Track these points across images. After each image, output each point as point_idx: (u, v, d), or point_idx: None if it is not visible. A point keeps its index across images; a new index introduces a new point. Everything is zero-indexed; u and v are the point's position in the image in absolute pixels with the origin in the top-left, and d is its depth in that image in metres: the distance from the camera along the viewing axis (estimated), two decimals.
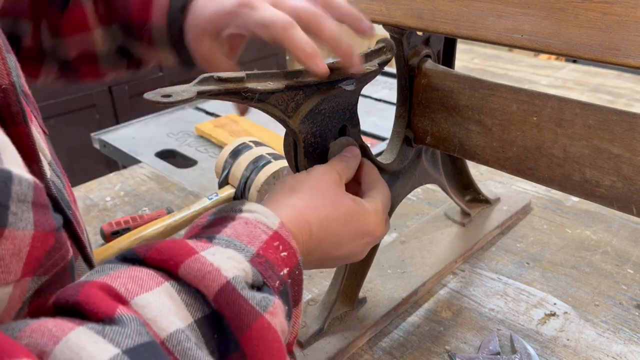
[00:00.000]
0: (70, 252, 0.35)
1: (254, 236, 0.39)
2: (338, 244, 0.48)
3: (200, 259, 0.34)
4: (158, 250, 0.35)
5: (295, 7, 0.48)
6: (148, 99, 0.39)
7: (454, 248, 0.76)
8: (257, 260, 0.38)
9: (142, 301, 0.31)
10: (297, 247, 0.42)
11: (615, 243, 0.79)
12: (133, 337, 0.28)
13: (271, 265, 0.38)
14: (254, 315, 0.34)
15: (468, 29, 0.51)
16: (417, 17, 0.55)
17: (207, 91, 0.42)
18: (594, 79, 1.43)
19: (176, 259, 0.34)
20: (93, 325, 0.28)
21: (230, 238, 0.38)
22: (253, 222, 0.40)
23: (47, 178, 0.37)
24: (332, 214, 0.47)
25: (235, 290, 0.34)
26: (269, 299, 0.35)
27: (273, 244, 0.40)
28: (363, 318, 0.64)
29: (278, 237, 0.40)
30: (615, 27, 0.43)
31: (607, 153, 0.50)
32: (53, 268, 0.33)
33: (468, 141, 0.60)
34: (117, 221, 0.81)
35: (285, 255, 0.40)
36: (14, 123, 0.34)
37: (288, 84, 0.48)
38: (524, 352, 0.59)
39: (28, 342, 0.27)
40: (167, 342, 0.30)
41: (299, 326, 0.42)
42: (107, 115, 2.23)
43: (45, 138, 0.44)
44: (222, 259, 0.35)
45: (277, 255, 0.40)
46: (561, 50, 0.46)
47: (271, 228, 0.41)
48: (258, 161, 0.82)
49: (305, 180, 0.49)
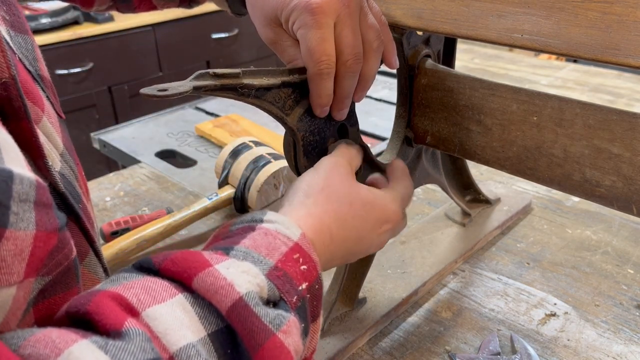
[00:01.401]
0: (74, 251, 0.35)
1: (273, 247, 0.38)
2: (359, 239, 0.48)
3: (214, 273, 0.33)
4: (173, 261, 0.34)
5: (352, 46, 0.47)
6: (144, 93, 0.39)
7: (454, 248, 0.76)
8: (274, 273, 0.37)
9: (153, 313, 0.31)
10: (317, 259, 0.41)
11: (616, 243, 0.78)
12: (136, 353, 0.28)
13: (289, 279, 0.37)
14: (267, 334, 0.33)
15: (468, 28, 0.51)
16: (417, 16, 0.55)
17: (203, 86, 0.42)
18: (594, 78, 1.43)
19: (190, 271, 0.33)
20: (97, 339, 0.28)
21: (248, 249, 0.38)
22: (273, 233, 0.40)
23: (53, 173, 0.36)
24: (349, 211, 0.47)
25: (247, 307, 0.33)
26: (284, 317, 0.35)
27: (293, 256, 0.39)
28: (363, 318, 0.64)
29: (298, 249, 0.39)
30: (615, 26, 0.43)
31: (607, 153, 0.50)
32: (56, 268, 0.33)
33: (468, 141, 0.60)
34: (117, 221, 0.81)
35: (305, 269, 0.39)
36: (16, 118, 0.34)
37: (284, 81, 0.48)
38: (524, 353, 0.59)
39: (31, 352, 0.27)
40: (176, 356, 0.29)
41: (317, 341, 0.41)
42: (107, 115, 2.24)
43: (60, 124, 0.43)
44: (236, 273, 0.34)
45: (297, 269, 0.38)
46: (561, 50, 0.46)
47: (292, 239, 0.40)
48: (258, 161, 0.82)
49: (317, 182, 0.48)
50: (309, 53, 0.46)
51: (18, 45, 0.41)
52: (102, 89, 2.19)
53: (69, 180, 0.40)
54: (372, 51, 0.50)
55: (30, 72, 0.40)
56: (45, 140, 0.39)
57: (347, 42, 0.47)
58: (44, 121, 0.39)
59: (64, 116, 0.46)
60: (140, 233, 0.75)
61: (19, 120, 0.34)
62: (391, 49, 0.53)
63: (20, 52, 0.40)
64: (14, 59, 0.37)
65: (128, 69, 2.26)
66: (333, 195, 0.47)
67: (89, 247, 0.42)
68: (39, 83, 0.41)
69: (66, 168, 0.41)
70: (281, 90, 0.48)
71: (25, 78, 0.38)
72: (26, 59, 0.41)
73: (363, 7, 0.49)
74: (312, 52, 0.46)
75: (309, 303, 0.39)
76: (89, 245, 0.41)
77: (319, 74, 0.47)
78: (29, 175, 0.29)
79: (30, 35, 0.43)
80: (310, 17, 0.45)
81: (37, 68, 0.42)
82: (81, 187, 0.43)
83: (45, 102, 0.40)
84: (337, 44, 0.47)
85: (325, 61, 0.46)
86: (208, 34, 2.48)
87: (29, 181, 0.29)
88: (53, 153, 0.39)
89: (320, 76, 0.47)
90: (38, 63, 0.43)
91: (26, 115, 0.34)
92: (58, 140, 0.41)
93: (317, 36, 0.46)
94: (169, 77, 2.38)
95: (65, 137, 0.43)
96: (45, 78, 0.44)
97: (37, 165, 0.35)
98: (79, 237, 0.40)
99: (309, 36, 0.46)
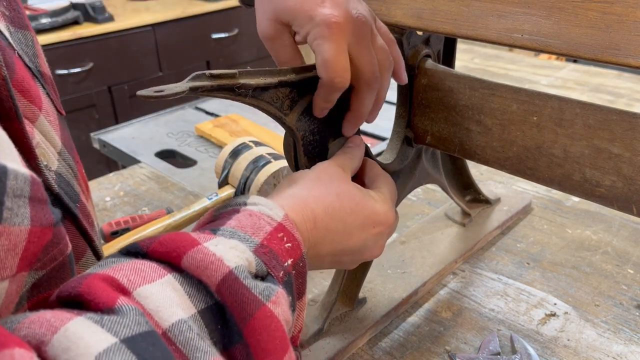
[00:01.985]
0: (69, 247, 0.35)
1: (257, 227, 0.39)
2: (347, 234, 0.47)
3: (203, 250, 0.34)
4: (161, 243, 0.35)
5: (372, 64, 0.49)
6: (141, 95, 0.39)
7: (454, 248, 0.76)
8: (260, 250, 0.38)
9: (144, 292, 0.31)
10: (301, 238, 0.42)
11: (616, 243, 0.78)
12: (131, 326, 0.28)
13: (275, 256, 0.38)
14: (257, 304, 0.34)
15: (468, 28, 0.51)
16: (417, 16, 0.55)
17: (199, 87, 0.42)
18: (594, 78, 1.43)
19: (179, 250, 0.34)
20: (92, 315, 0.28)
21: (234, 229, 0.39)
22: (257, 214, 0.40)
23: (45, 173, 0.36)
24: (336, 201, 0.47)
25: (237, 280, 0.34)
26: (272, 288, 0.35)
27: (277, 235, 0.40)
28: (363, 318, 0.64)
29: (282, 229, 0.40)
30: (615, 26, 0.43)
31: (607, 153, 0.50)
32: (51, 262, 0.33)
33: (468, 141, 0.60)
34: (117, 221, 0.81)
35: (290, 247, 0.40)
36: (7, 118, 0.34)
37: (281, 80, 0.48)
38: (524, 353, 0.59)
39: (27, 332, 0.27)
40: (169, 332, 0.30)
41: (303, 320, 0.42)
42: (106, 115, 2.24)
43: (60, 121, 0.43)
44: (225, 249, 0.35)
45: (282, 246, 0.39)
46: (561, 50, 0.46)
47: (275, 220, 0.41)
48: (258, 161, 0.82)
49: (307, 173, 0.49)
50: (325, 64, 0.47)
51: (18, 41, 0.41)
52: (102, 89, 2.19)
53: (66, 180, 0.40)
54: (384, 71, 0.52)
55: (30, 69, 0.40)
56: (42, 139, 0.38)
57: (366, 61, 0.49)
58: (41, 119, 0.39)
59: (64, 113, 0.46)
60: (140, 233, 0.75)
61: (10, 121, 0.34)
62: (401, 65, 0.55)
63: (19, 48, 0.40)
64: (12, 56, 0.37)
65: (128, 69, 2.26)
66: (321, 184, 0.47)
67: (87, 247, 0.42)
68: (38, 79, 0.41)
69: (64, 167, 0.41)
70: (278, 90, 0.48)
71: (23, 75, 0.38)
72: (26, 55, 0.41)
73: (373, 29, 0.50)
74: (328, 64, 0.47)
75: (295, 279, 0.40)
76: (87, 245, 0.41)
77: (331, 84, 0.48)
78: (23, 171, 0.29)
79: (31, 30, 0.43)
80: (328, 30, 0.47)
81: (37, 64, 0.42)
82: (80, 185, 0.43)
83: (43, 99, 0.40)
84: (357, 63, 0.49)
85: (341, 73, 0.48)
86: (208, 34, 2.48)
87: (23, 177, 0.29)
88: (50, 152, 0.39)
89: (332, 87, 0.48)
90: (38, 59, 0.43)
91: (17, 116, 0.34)
92: (56, 139, 0.41)
93: (333, 49, 0.47)
94: (169, 77, 2.39)
95: (64, 134, 0.43)
96: (46, 74, 0.44)
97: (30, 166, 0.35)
98: (76, 236, 0.40)
99: (326, 48, 0.47)
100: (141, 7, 2.47)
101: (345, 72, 0.47)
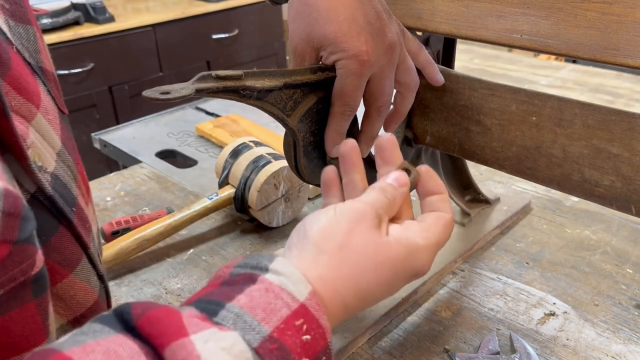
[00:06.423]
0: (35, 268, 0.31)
1: (271, 310, 0.33)
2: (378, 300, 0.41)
3: (188, 346, 0.29)
4: (150, 321, 0.31)
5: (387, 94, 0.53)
6: (147, 96, 0.39)
7: (453, 248, 0.76)
8: (267, 346, 0.32)
9: None
10: (327, 325, 0.35)
11: (615, 243, 0.79)
12: None
13: (286, 353, 0.32)
14: None
15: (467, 29, 0.51)
16: (417, 17, 0.55)
17: (205, 88, 0.42)
18: (593, 79, 1.43)
19: (163, 338, 0.30)
20: None
21: (241, 310, 0.33)
22: (276, 289, 0.34)
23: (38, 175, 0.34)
24: (373, 280, 0.39)
25: None
26: None
27: (294, 322, 0.33)
28: (363, 318, 0.64)
29: (304, 313, 0.34)
30: (614, 27, 0.43)
31: (606, 153, 0.50)
32: (9, 283, 0.29)
33: (468, 141, 0.60)
34: (118, 221, 0.81)
35: (308, 340, 0.33)
36: None
37: (286, 82, 0.48)
38: (524, 352, 0.59)
39: None
40: None
41: None
42: (107, 115, 2.24)
43: (61, 120, 0.41)
44: (214, 350, 0.30)
45: (297, 339, 0.33)
46: (560, 50, 0.47)
47: (297, 299, 0.34)
48: (258, 161, 0.82)
49: (334, 235, 0.39)
50: (341, 94, 0.51)
51: (18, 35, 0.38)
52: (102, 89, 2.20)
53: (62, 182, 0.38)
54: (409, 92, 0.57)
55: (30, 64, 0.38)
56: (38, 139, 0.36)
57: (382, 91, 0.53)
58: (38, 118, 0.36)
59: (66, 111, 0.43)
60: (140, 233, 0.75)
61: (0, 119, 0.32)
62: (434, 69, 0.60)
63: (19, 43, 0.38)
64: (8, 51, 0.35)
65: (128, 69, 2.26)
66: (353, 258, 0.39)
67: (82, 254, 0.38)
68: (39, 76, 0.39)
69: (62, 168, 0.38)
70: (282, 91, 0.48)
71: (21, 71, 0.36)
72: (26, 50, 0.39)
73: (402, 49, 0.53)
74: (344, 95, 0.51)
75: None
76: (82, 252, 0.38)
77: (342, 113, 0.52)
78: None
79: (34, 25, 0.41)
80: (356, 66, 0.50)
81: (38, 60, 0.40)
82: (80, 188, 0.41)
83: (43, 97, 0.38)
84: (373, 90, 0.53)
85: (352, 106, 0.52)
86: (208, 34, 2.48)
87: None
88: (47, 152, 0.37)
89: (342, 115, 0.53)
90: (40, 55, 0.40)
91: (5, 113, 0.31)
92: (55, 138, 0.38)
93: (354, 84, 0.51)
94: (169, 77, 2.39)
95: (65, 134, 0.41)
96: (48, 71, 0.41)
97: (23, 166, 0.33)
98: (71, 243, 0.37)
99: (348, 81, 0.51)
100: (142, 7, 2.47)
101: (356, 103, 0.52)
